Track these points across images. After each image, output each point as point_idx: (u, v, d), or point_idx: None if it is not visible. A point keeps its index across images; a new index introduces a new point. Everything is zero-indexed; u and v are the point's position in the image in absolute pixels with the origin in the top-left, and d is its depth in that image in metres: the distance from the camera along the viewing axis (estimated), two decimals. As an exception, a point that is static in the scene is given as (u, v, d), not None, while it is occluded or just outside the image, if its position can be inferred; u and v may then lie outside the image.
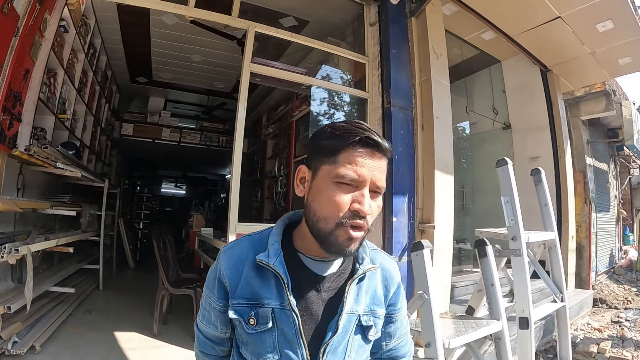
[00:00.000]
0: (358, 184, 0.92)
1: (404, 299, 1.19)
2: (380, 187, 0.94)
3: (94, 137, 6.52)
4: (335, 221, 0.91)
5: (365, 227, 0.93)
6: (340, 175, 0.91)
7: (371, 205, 0.93)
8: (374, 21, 4.49)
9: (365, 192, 0.91)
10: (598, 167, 8.08)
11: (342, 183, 0.92)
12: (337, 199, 0.91)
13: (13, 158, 3.54)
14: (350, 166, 0.91)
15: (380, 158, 0.95)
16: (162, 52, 6.44)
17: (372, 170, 0.92)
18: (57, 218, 5.01)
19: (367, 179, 0.91)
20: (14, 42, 3.23)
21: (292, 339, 0.98)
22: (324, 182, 0.94)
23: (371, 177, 0.92)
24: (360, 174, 0.91)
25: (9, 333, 3.11)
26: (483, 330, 2.07)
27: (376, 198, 0.95)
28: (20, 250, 3.09)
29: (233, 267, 1.04)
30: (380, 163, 0.94)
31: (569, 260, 5.83)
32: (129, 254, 8.24)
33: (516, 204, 2.47)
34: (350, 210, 0.91)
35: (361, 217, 0.91)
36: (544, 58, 5.85)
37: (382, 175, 0.95)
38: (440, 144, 4.16)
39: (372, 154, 0.93)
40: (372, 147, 0.93)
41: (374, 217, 0.96)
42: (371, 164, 0.92)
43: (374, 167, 0.93)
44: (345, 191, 0.92)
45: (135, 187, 12.97)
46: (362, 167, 0.91)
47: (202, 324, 1.15)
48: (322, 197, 0.94)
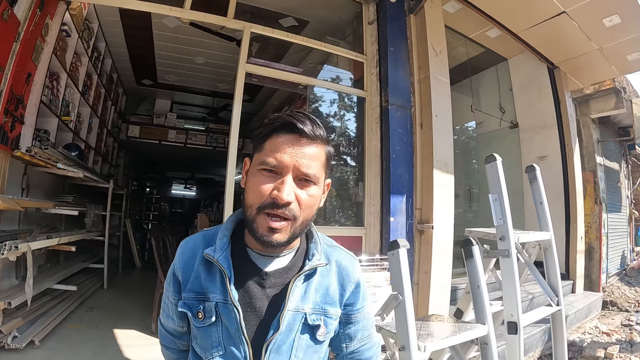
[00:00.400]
0: (280, 171, 0.91)
1: (365, 299, 1.15)
2: (307, 174, 0.92)
3: (100, 139, 6.62)
4: (256, 208, 0.91)
5: (288, 216, 0.91)
6: (262, 162, 0.92)
7: (298, 194, 0.92)
8: (373, 19, 4.47)
9: (287, 179, 0.90)
10: (609, 167, 7.89)
11: (264, 170, 0.92)
12: (259, 186, 0.91)
13: (16, 159, 3.61)
14: (272, 153, 0.91)
15: (306, 144, 0.93)
16: (166, 54, 6.50)
17: (295, 157, 0.91)
18: (62, 218, 5.11)
19: (288, 165, 0.91)
20: (15, 47, 3.31)
21: (235, 335, 0.97)
22: (253, 171, 0.95)
23: (294, 164, 0.91)
24: (281, 160, 0.90)
25: (9, 328, 3.19)
26: (465, 335, 1.99)
27: (306, 187, 0.94)
28: (20, 247, 3.18)
29: (185, 262, 1.04)
30: (306, 149, 0.93)
31: (578, 262, 5.72)
32: (135, 254, 8.35)
33: (505, 202, 2.40)
34: (270, 197, 0.90)
35: (279, 205, 0.90)
36: (550, 55, 5.75)
37: (311, 162, 0.93)
38: (439, 143, 4.11)
39: (295, 140, 0.93)
40: (295, 133, 0.93)
41: (305, 209, 0.94)
42: (294, 150, 0.92)
43: (298, 153, 0.92)
44: (268, 178, 0.91)
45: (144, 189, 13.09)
46: (284, 153, 0.91)
47: (163, 318, 1.16)
48: (248, 185, 0.95)
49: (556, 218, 5.52)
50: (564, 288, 5.43)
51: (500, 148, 6.38)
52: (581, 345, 4.40)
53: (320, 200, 1.01)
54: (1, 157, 3.34)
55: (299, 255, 1.06)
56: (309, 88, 4.61)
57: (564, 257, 5.70)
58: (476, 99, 6.57)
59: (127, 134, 8.42)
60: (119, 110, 8.03)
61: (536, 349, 4.12)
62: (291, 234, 0.94)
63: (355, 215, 4.33)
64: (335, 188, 4.43)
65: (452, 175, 4.14)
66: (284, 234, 0.93)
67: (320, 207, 1.05)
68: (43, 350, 3.25)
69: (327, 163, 1.00)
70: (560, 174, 5.82)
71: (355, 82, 4.61)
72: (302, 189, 0.93)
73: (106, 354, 3.35)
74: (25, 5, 3.37)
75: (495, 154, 2.52)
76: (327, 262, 1.07)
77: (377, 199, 4.07)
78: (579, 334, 4.82)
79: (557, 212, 5.59)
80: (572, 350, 4.23)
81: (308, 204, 0.94)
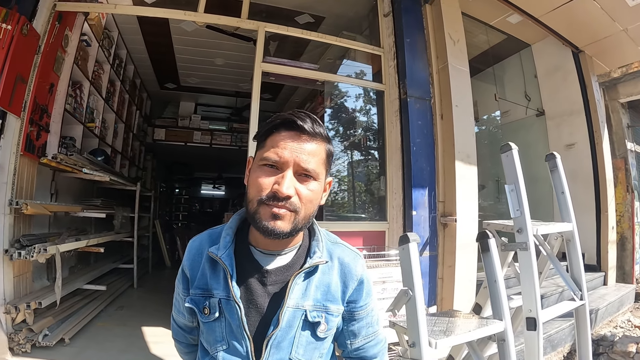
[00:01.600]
0: (281, 166, 0.94)
1: (369, 296, 1.15)
2: (307, 169, 0.94)
3: (127, 143, 6.79)
4: (257, 200, 0.93)
5: (290, 208, 0.93)
6: (263, 158, 0.94)
7: (298, 189, 0.94)
8: (388, 11, 4.42)
9: (287, 174, 0.93)
10: (641, 153, 7.57)
11: (265, 165, 0.94)
12: (260, 180, 0.93)
13: (44, 166, 3.75)
14: (273, 149, 0.94)
15: (306, 140, 0.96)
16: (186, 58, 6.61)
17: (295, 152, 0.94)
18: (91, 221, 5.26)
19: (288, 160, 0.93)
20: (36, 60, 3.46)
21: (237, 330, 0.99)
22: (254, 167, 0.98)
23: (294, 159, 0.93)
24: (281, 155, 0.93)
25: (40, 326, 3.31)
26: (480, 331, 1.91)
27: (306, 182, 0.96)
28: (48, 250, 3.32)
29: (192, 259, 1.09)
30: (306, 145, 0.95)
31: (610, 253, 5.51)
32: (165, 254, 8.54)
33: (522, 192, 2.31)
34: (271, 191, 0.92)
35: (280, 198, 0.91)
36: (574, 39, 5.53)
37: (311, 158, 0.95)
38: (460, 134, 4.02)
39: (296, 136, 0.95)
40: (295, 130, 0.95)
41: (306, 203, 0.96)
42: (294, 146, 0.94)
43: (298, 148, 0.94)
44: (269, 173, 0.94)
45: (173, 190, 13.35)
46: (284, 149, 0.93)
47: (175, 313, 1.22)
48: (250, 180, 0.97)
49: (586, 208, 5.37)
50: (595, 280, 5.26)
51: (526, 137, 6.21)
52: (612, 339, 4.23)
53: (322, 197, 1.03)
54: (29, 165, 3.47)
55: (301, 253, 1.07)
56: (327, 84, 4.60)
57: (595, 248, 5.50)
58: (500, 87, 6.40)
59: (153, 137, 8.61)
60: (144, 114, 8.22)
61: (565, 344, 3.99)
62: (294, 224, 0.95)
63: (377, 210, 4.31)
64: (357, 183, 4.41)
65: (475, 166, 4.05)
66: (287, 223, 0.94)
67: (322, 205, 1.07)
68: (72, 347, 3.36)
69: (327, 160, 1.01)
70: (589, 161, 5.58)
71: (373, 75, 4.58)
72: (302, 184, 0.95)
73: (132, 351, 3.44)
74: (43, 19, 3.51)
75: (510, 142, 2.43)
76: (329, 259, 1.08)
77: (399, 193, 4.03)
78: (610, 328, 4.64)
79: (587, 202, 5.43)
80: (602, 345, 4.08)
81: (308, 198, 0.96)
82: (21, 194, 3.33)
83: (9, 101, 3.11)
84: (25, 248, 3.19)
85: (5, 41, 3.07)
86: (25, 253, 3.13)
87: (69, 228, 4.54)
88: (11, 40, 3.09)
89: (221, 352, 1.02)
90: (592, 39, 5.39)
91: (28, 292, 3.49)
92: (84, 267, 5.13)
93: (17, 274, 3.31)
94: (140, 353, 3.43)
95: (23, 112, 3.32)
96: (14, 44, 3.10)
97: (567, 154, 5.48)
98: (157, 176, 10.49)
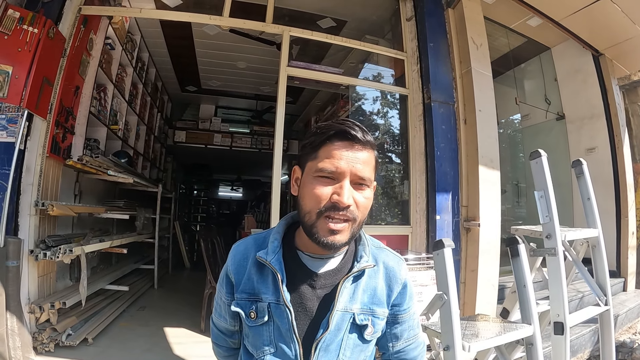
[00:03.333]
0: (337, 176, 0.94)
1: (412, 299, 1.16)
2: (363, 177, 0.95)
3: (148, 145, 6.87)
4: (316, 212, 0.93)
5: (349, 217, 0.94)
6: (319, 169, 0.94)
7: (355, 197, 0.94)
8: (410, 16, 4.41)
9: (345, 184, 0.93)
10: (661, 158, 7.41)
11: (322, 177, 0.94)
12: (317, 191, 0.93)
13: (69, 167, 3.82)
14: (328, 160, 0.94)
15: (359, 150, 0.96)
16: (208, 61, 6.66)
17: (351, 162, 0.94)
18: (114, 222, 5.33)
19: (345, 170, 0.93)
20: (62, 63, 3.51)
21: (286, 334, 1.00)
22: (308, 178, 0.97)
23: (350, 169, 0.93)
24: (338, 166, 0.93)
25: (64, 326, 3.35)
26: (510, 335, 1.94)
27: (362, 190, 0.97)
28: (74, 250, 3.36)
29: (238, 264, 1.09)
30: (360, 154, 0.96)
31: (630, 259, 5.41)
32: (184, 255, 8.61)
33: (551, 199, 2.31)
34: (330, 201, 0.92)
35: (340, 208, 0.92)
36: (594, 42, 5.47)
37: (365, 167, 0.96)
38: (484, 138, 4.01)
39: (349, 146, 0.95)
40: (349, 140, 0.95)
41: (362, 210, 0.97)
42: (349, 155, 0.94)
43: (353, 158, 0.94)
44: (326, 184, 0.94)
45: (192, 192, 13.46)
46: (340, 159, 0.93)
47: (215, 317, 1.22)
48: (306, 191, 0.97)
49: (606, 212, 5.27)
50: (615, 286, 5.16)
51: (546, 141, 6.14)
52: (632, 346, 4.17)
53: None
54: (54, 166, 3.53)
55: (348, 257, 1.08)
56: (351, 88, 4.60)
57: (615, 253, 5.40)
58: (520, 90, 6.34)
59: (174, 139, 8.68)
60: (165, 116, 8.31)
61: (585, 349, 3.94)
62: (351, 234, 0.97)
63: (401, 214, 4.29)
64: (381, 186, 4.42)
65: (497, 171, 4.02)
66: (345, 235, 0.95)
67: None
68: (95, 347, 3.40)
69: (376, 166, 1.02)
70: (609, 166, 5.52)
71: (396, 79, 4.56)
72: (358, 192, 0.96)
73: (155, 351, 3.47)
74: (69, 22, 3.57)
75: (540, 149, 2.42)
76: (375, 264, 1.08)
77: (422, 197, 4.02)
78: (630, 335, 4.56)
79: (606, 207, 5.33)
80: (622, 351, 4.02)
81: (365, 205, 0.97)
82: (46, 195, 3.38)
83: (36, 104, 3.16)
84: (51, 249, 3.23)
85: (32, 44, 3.12)
86: (50, 254, 3.18)
87: (92, 229, 4.60)
88: (37, 44, 3.13)
89: (268, 356, 1.02)
90: (612, 41, 5.33)
91: (52, 292, 3.54)
92: (105, 267, 5.20)
93: (41, 274, 3.36)
94: (164, 353, 3.47)
95: (49, 114, 3.37)
96: (41, 47, 3.15)
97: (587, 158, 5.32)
98: (176, 178, 10.60)
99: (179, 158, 10.30)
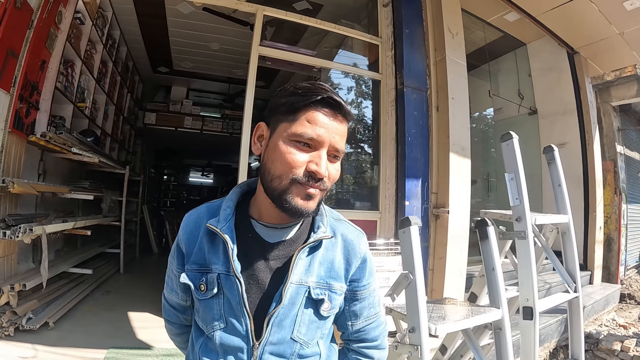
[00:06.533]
0: (316, 145, 0.89)
1: (372, 275, 1.11)
2: (339, 150, 0.92)
3: (117, 126, 6.69)
4: (289, 178, 0.88)
5: (322, 189, 0.91)
6: (298, 134, 0.88)
7: (329, 169, 0.90)
8: (388, 2, 4.38)
9: (323, 154, 0.89)
10: (629, 156, 7.65)
11: (298, 142, 0.89)
12: (293, 157, 0.88)
13: (32, 145, 3.67)
14: (310, 125, 0.88)
15: (341, 121, 0.92)
16: (181, 41, 6.50)
17: (332, 132, 0.90)
18: (79, 203, 5.18)
19: (325, 140, 0.89)
20: (28, 34, 3.37)
21: (237, 307, 0.94)
22: (281, 140, 0.91)
23: (330, 139, 0.89)
24: (320, 134, 0.88)
25: (25, 310, 3.24)
26: (478, 318, 1.91)
27: (335, 162, 0.93)
28: (34, 230, 3.22)
29: (189, 233, 1.03)
30: (341, 126, 0.92)
31: (596, 252, 5.62)
32: (152, 240, 8.46)
33: (522, 181, 2.32)
34: (307, 170, 0.88)
35: (317, 179, 0.88)
36: (570, 40, 5.58)
37: (342, 140, 0.92)
38: (456, 126, 4.02)
39: (333, 115, 0.91)
40: (334, 108, 0.91)
41: (332, 182, 0.93)
42: (332, 125, 0.90)
43: (334, 129, 0.90)
44: (302, 150, 0.89)
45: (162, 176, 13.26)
46: (322, 127, 0.88)
47: (167, 292, 1.15)
48: (277, 155, 0.90)
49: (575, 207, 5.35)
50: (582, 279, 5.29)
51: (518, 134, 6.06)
52: (597, 337, 4.31)
53: None
54: (17, 143, 3.39)
55: (304, 228, 1.03)
56: (324, 71, 4.55)
57: (582, 247, 5.56)
58: (494, 84, 6.43)
59: (144, 121, 8.48)
60: (135, 97, 8.10)
61: (552, 339, 4.04)
62: (319, 203, 0.94)
63: (370, 199, 4.28)
64: (350, 172, 4.39)
65: (468, 159, 4.05)
66: (315, 202, 0.92)
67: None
68: (57, 331, 3.29)
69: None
70: (579, 161, 5.68)
71: (370, 65, 4.54)
72: (331, 164, 0.92)
73: (119, 336, 3.38)
74: (38, -7, 3.40)
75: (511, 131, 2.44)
76: (333, 235, 1.03)
77: (392, 183, 4.02)
78: (596, 326, 4.72)
79: (576, 201, 5.43)
80: (588, 342, 4.14)
81: (335, 177, 0.94)
82: (8, 173, 3.24)
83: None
84: (11, 228, 3.10)
85: (-2, 13, 2.98)
86: (10, 233, 3.05)
87: (56, 210, 4.45)
88: (3, 13, 3.00)
89: (218, 332, 0.96)
90: (587, 40, 5.44)
91: (13, 274, 3.42)
92: (70, 250, 5.05)
93: (1, 255, 3.25)
94: (127, 338, 3.38)
95: (13, 87, 3.22)
96: (7, 17, 3.01)
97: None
98: (146, 161, 10.39)
99: (150, 141, 10.10)
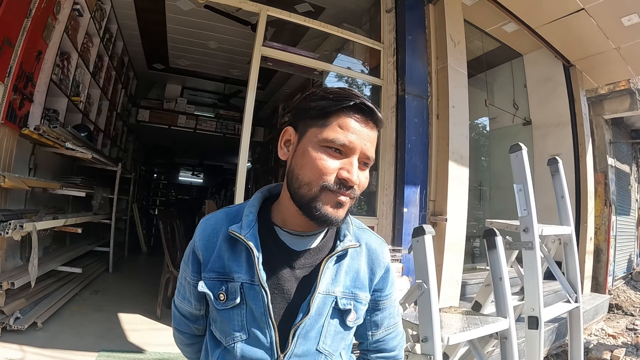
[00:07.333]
0: (347, 152, 0.85)
1: (393, 285, 1.08)
2: (370, 157, 0.89)
3: (110, 122, 6.57)
4: (319, 185, 0.84)
5: (353, 197, 0.88)
6: (329, 140, 0.85)
7: (359, 177, 0.87)
8: (391, 8, 4.38)
9: (354, 161, 0.86)
10: (620, 169, 7.79)
11: (329, 147, 0.85)
12: (324, 163, 0.84)
13: (24, 138, 3.56)
14: (342, 131, 0.85)
15: (372, 128, 0.89)
16: (179, 38, 6.42)
17: (364, 139, 0.86)
18: (69, 200, 5.08)
19: (357, 147, 0.85)
20: (26, 23, 3.28)
21: (261, 318, 0.90)
22: (310, 146, 0.87)
23: (362, 146, 0.86)
24: (352, 140, 0.85)
25: (12, 309, 3.13)
26: (487, 328, 1.91)
27: (364, 170, 0.89)
28: (25, 227, 3.11)
29: (207, 239, 0.97)
30: (372, 133, 0.89)
31: (586, 263, 5.67)
32: (142, 239, 8.35)
33: (530, 192, 2.33)
34: (338, 177, 0.84)
35: (348, 187, 0.85)
36: (567, 52, 5.64)
37: (373, 147, 0.89)
38: (455, 135, 4.06)
39: (365, 122, 0.87)
40: (366, 115, 0.87)
41: (361, 190, 0.90)
42: (364, 132, 0.87)
43: (366, 136, 0.87)
44: (333, 157, 0.85)
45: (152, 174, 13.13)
46: (354, 133, 0.85)
47: (178, 300, 1.09)
48: (306, 161, 0.87)
49: (566, 217, 5.49)
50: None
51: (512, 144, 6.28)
52: (587, 346, 4.38)
53: None
54: (9, 135, 3.30)
55: (330, 236, 0.99)
56: (324, 74, 4.53)
57: (573, 257, 5.61)
58: (490, 93, 6.47)
59: (137, 118, 8.35)
60: (130, 94, 7.97)
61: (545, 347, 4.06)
62: (347, 212, 0.91)
63: (367, 205, 4.26)
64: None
65: (467, 168, 4.08)
66: (344, 210, 0.89)
67: None
68: (45, 331, 3.19)
69: None
70: (572, 173, 5.72)
71: (371, 70, 4.54)
72: (361, 171, 0.88)
73: (109, 337, 3.30)
74: (37, -19, 3.32)
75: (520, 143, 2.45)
76: (359, 244, 0.99)
77: (390, 189, 4.01)
78: (586, 336, 4.79)
79: (567, 211, 5.53)
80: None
81: (364, 185, 0.90)
82: (-1, 166, 3.14)
83: (-7, 65, 2.94)
84: (0, 224, 2.99)
85: (-5, 1, 2.90)
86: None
87: (46, 206, 4.34)
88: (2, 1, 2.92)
89: (239, 344, 0.91)
90: (584, 54, 5.50)
91: (0, 272, 3.31)
92: (59, 247, 4.93)
93: (-11, 252, 3.14)
94: (118, 340, 3.30)
95: (7, 77, 3.12)
96: (4, 4, 2.93)
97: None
98: (137, 159, 10.26)
99: (142, 138, 9.99)
